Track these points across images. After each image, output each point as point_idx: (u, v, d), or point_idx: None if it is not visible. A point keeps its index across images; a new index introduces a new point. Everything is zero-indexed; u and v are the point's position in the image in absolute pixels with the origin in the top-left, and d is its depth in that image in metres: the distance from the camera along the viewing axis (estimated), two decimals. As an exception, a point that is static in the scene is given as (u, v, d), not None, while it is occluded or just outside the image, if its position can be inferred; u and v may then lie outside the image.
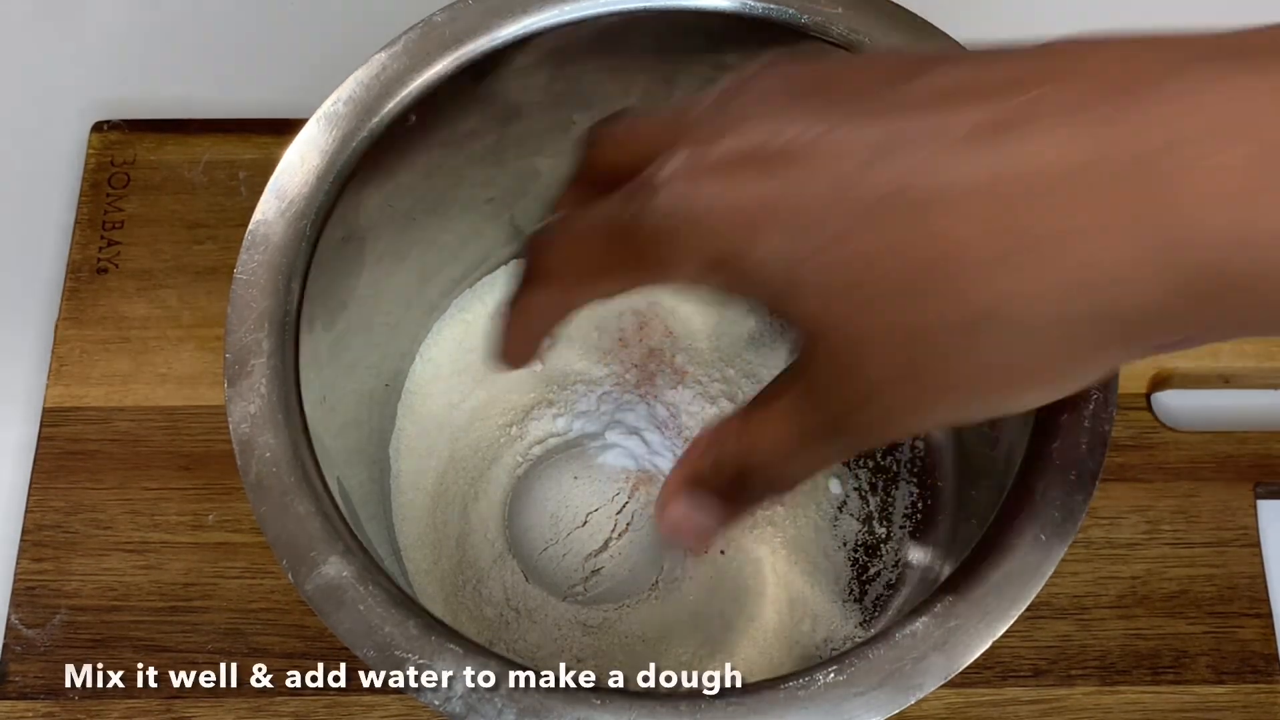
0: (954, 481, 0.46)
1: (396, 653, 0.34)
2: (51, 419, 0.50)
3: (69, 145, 0.56)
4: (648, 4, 0.42)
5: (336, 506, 0.36)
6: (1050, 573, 0.34)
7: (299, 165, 0.40)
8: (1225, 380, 0.51)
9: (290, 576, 0.35)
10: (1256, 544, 0.48)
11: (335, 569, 0.35)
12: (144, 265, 0.53)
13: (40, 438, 0.50)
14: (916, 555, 0.46)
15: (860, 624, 0.45)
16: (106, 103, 0.57)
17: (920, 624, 0.34)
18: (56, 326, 0.52)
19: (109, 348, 0.52)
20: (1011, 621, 0.34)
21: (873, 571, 0.46)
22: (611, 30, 0.43)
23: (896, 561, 0.46)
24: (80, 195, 0.55)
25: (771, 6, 0.42)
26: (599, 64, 0.44)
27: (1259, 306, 0.26)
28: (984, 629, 0.34)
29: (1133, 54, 0.27)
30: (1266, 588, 0.48)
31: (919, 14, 0.42)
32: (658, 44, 0.44)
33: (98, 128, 0.56)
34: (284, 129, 0.41)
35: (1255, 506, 0.49)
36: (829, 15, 0.42)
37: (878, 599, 0.46)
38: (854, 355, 0.29)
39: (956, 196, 0.27)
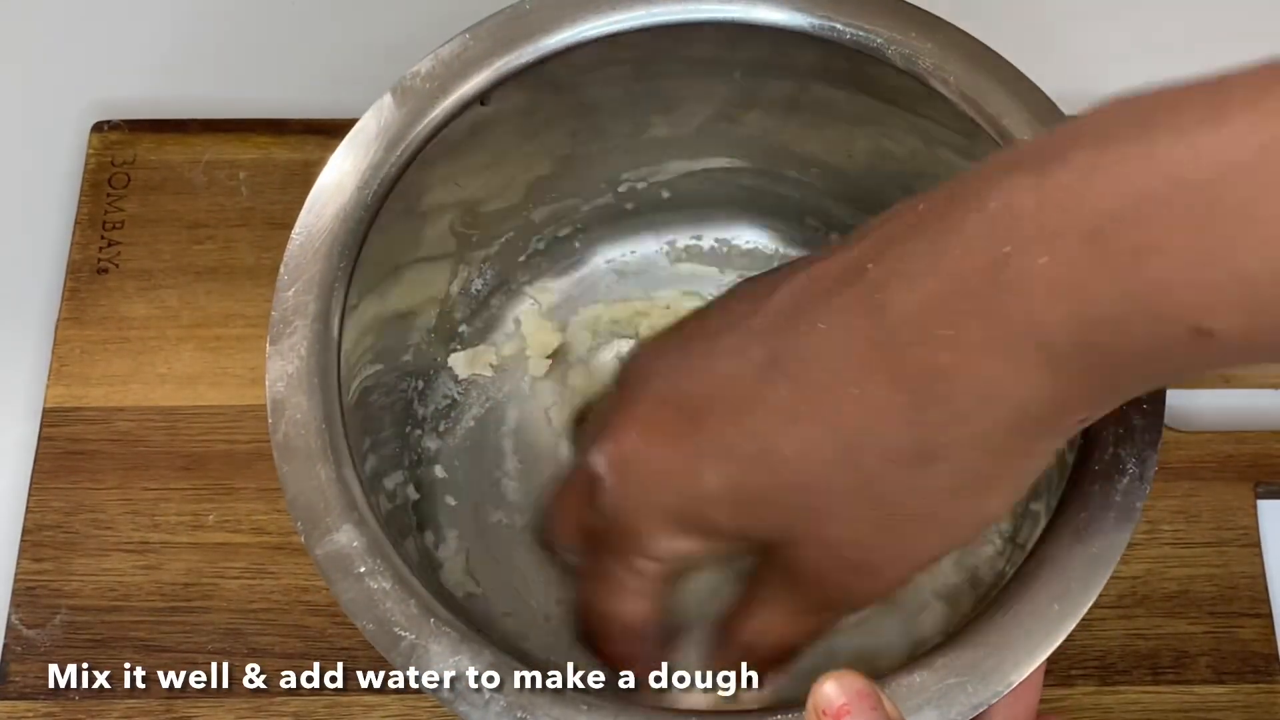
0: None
1: (394, 630, 0.34)
2: (51, 419, 0.50)
3: (69, 145, 0.56)
4: (736, 17, 0.42)
5: (360, 477, 0.36)
6: (1052, 649, 0.34)
7: (374, 132, 0.40)
8: (1225, 380, 0.51)
9: (303, 538, 0.35)
10: (1257, 544, 0.48)
11: (347, 537, 0.35)
12: (144, 265, 0.53)
13: (40, 438, 0.50)
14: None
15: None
16: (106, 103, 0.57)
17: (918, 676, 0.33)
18: (56, 326, 0.52)
19: (109, 348, 0.52)
20: (1007, 690, 0.33)
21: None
22: (696, 38, 0.43)
23: None
24: (80, 195, 0.54)
25: (843, 29, 0.41)
26: (682, 70, 0.44)
27: (1130, 368, 0.29)
28: (981, 689, 0.33)
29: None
30: (1267, 588, 0.48)
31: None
32: (741, 58, 0.44)
33: (98, 128, 0.56)
34: (284, 129, 0.40)
35: (1255, 506, 0.49)
36: (916, 48, 0.41)
37: None
38: (828, 549, 0.33)
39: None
